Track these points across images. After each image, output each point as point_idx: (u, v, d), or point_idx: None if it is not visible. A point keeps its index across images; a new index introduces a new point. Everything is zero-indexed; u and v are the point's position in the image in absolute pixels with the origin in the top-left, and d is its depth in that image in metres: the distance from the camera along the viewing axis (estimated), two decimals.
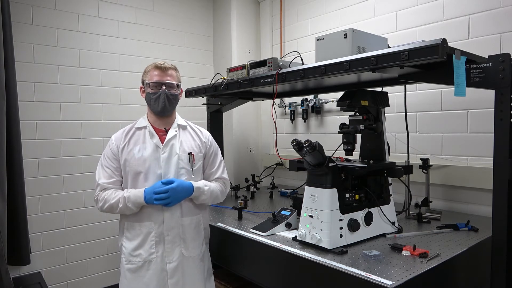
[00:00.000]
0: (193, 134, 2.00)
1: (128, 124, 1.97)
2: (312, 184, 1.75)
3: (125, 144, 1.86)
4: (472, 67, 1.51)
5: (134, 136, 1.89)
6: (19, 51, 2.72)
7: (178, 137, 1.93)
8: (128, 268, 1.83)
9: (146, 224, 1.82)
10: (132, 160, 1.83)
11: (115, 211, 1.81)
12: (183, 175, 1.88)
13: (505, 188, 1.46)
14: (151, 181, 1.82)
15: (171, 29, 3.59)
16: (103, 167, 1.86)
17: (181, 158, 1.88)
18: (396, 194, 2.15)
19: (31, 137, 2.83)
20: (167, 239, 1.83)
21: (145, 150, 1.85)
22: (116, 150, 1.86)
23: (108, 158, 1.86)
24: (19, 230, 2.61)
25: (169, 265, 1.83)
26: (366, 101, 1.91)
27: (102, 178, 1.84)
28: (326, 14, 3.21)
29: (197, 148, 1.96)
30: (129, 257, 1.84)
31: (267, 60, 2.25)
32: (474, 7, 2.30)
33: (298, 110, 3.49)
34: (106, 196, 1.80)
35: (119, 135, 1.90)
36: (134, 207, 1.77)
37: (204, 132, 2.07)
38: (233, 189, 3.12)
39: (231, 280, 2.48)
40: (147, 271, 1.81)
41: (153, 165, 1.83)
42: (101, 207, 1.83)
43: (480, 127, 2.30)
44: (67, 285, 3.02)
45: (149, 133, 1.88)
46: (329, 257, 1.59)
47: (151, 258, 1.81)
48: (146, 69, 1.91)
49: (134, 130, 1.91)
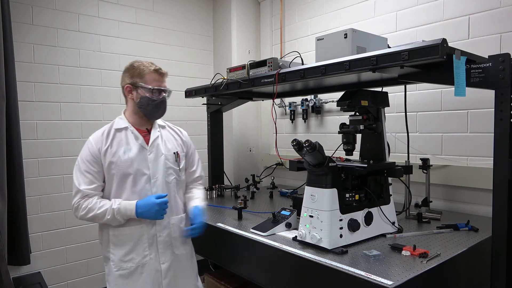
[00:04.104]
0: (173, 134, 2.00)
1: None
2: (312, 184, 1.75)
3: (108, 147, 1.77)
4: (472, 67, 1.51)
5: (115, 137, 1.81)
6: (19, 51, 2.72)
7: (161, 137, 1.92)
8: (120, 275, 1.77)
9: (138, 228, 1.79)
10: (119, 162, 1.76)
11: (99, 221, 1.76)
12: (171, 175, 1.89)
13: (505, 188, 1.46)
14: (140, 184, 1.79)
15: (171, 29, 3.59)
16: (82, 172, 1.75)
17: (168, 158, 1.88)
18: (396, 194, 2.15)
19: (31, 137, 2.83)
20: (159, 240, 1.82)
21: (130, 151, 1.79)
22: (97, 153, 1.76)
23: (88, 162, 1.75)
24: (19, 230, 2.61)
25: (163, 265, 1.83)
26: (366, 101, 1.91)
27: (82, 184, 1.73)
28: (326, 14, 3.20)
29: (180, 147, 1.98)
30: (119, 264, 1.78)
31: (267, 60, 2.25)
32: (474, 7, 2.30)
33: (298, 110, 3.49)
34: (90, 205, 1.72)
35: (98, 138, 1.80)
36: (122, 219, 1.74)
37: (183, 132, 2.08)
38: (233, 189, 3.12)
39: (231, 280, 2.48)
40: (140, 275, 1.78)
41: (141, 167, 1.80)
42: (83, 216, 1.73)
43: (480, 127, 2.30)
44: (67, 285, 3.02)
45: (133, 134, 1.84)
46: (329, 257, 1.59)
47: (144, 261, 1.79)
48: (139, 70, 1.81)
49: (114, 131, 1.82)
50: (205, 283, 2.64)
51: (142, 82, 1.81)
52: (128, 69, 1.86)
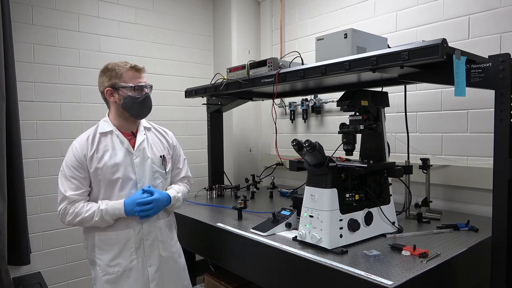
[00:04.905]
0: (159, 136, 1.98)
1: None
2: (312, 184, 1.75)
3: (94, 152, 1.74)
4: (472, 67, 1.51)
5: (101, 142, 1.78)
6: (19, 51, 2.72)
7: (147, 140, 1.89)
8: (107, 280, 1.76)
9: (125, 232, 1.77)
10: (105, 168, 1.74)
11: (87, 225, 1.74)
12: (158, 179, 1.87)
13: (505, 188, 1.46)
14: (127, 189, 1.78)
15: (171, 29, 3.59)
16: (68, 178, 1.72)
17: (154, 162, 1.87)
18: (396, 194, 2.15)
19: (31, 137, 2.83)
20: (146, 243, 1.82)
21: (116, 156, 1.76)
22: (83, 158, 1.73)
23: (73, 168, 1.73)
24: (19, 230, 2.61)
25: (150, 268, 1.83)
26: (366, 101, 1.91)
27: (69, 190, 1.71)
28: (326, 14, 3.20)
29: (166, 150, 1.96)
30: (106, 268, 1.76)
31: (267, 60, 2.25)
32: (474, 7, 2.30)
33: (298, 110, 3.49)
34: (77, 210, 1.70)
35: (83, 143, 1.76)
36: (111, 219, 1.72)
37: (169, 133, 2.06)
38: (233, 189, 3.12)
39: (231, 280, 2.48)
40: (127, 279, 1.77)
41: (127, 172, 1.78)
42: (70, 221, 1.71)
43: (480, 127, 2.30)
44: (67, 285, 3.02)
45: (118, 139, 1.81)
46: (329, 257, 1.59)
47: (131, 266, 1.78)
48: (116, 71, 1.76)
49: (99, 135, 1.79)
50: (205, 283, 2.64)
51: (121, 82, 1.76)
52: (104, 72, 1.80)
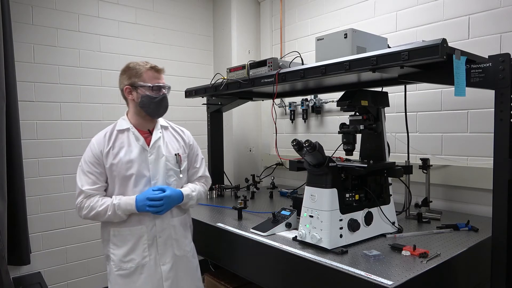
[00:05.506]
0: (175, 135, 1.99)
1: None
2: (312, 184, 1.75)
3: (110, 148, 1.78)
4: (472, 67, 1.51)
5: (117, 139, 1.82)
6: (19, 51, 2.72)
7: (163, 138, 1.91)
8: (120, 274, 1.78)
9: (137, 228, 1.79)
10: (120, 164, 1.77)
11: (101, 219, 1.77)
12: (172, 177, 1.88)
13: (505, 188, 1.46)
14: (140, 185, 1.79)
15: (171, 29, 3.59)
16: (85, 173, 1.77)
17: (168, 160, 1.88)
18: (396, 194, 2.15)
19: (31, 137, 2.83)
20: (159, 241, 1.82)
21: (131, 153, 1.79)
22: (99, 154, 1.77)
23: (90, 164, 1.77)
24: (19, 230, 2.61)
25: (163, 267, 1.83)
26: (366, 101, 1.91)
27: (85, 184, 1.75)
28: (326, 14, 3.20)
29: (182, 148, 1.97)
30: (119, 264, 1.78)
31: (267, 60, 2.25)
32: (474, 7, 2.30)
33: (298, 110, 3.49)
34: (92, 204, 1.74)
35: (101, 139, 1.81)
36: (123, 214, 1.74)
37: (186, 132, 2.06)
38: (233, 189, 3.12)
39: (231, 280, 2.48)
40: (140, 275, 1.78)
41: (141, 168, 1.80)
42: (86, 214, 1.75)
43: (480, 127, 2.30)
44: (67, 285, 3.02)
45: (134, 136, 1.84)
46: (329, 257, 1.59)
47: (144, 262, 1.79)
48: (136, 70, 1.81)
49: (116, 132, 1.83)
50: (205, 283, 2.64)
51: (140, 81, 1.80)
52: (125, 70, 1.85)
